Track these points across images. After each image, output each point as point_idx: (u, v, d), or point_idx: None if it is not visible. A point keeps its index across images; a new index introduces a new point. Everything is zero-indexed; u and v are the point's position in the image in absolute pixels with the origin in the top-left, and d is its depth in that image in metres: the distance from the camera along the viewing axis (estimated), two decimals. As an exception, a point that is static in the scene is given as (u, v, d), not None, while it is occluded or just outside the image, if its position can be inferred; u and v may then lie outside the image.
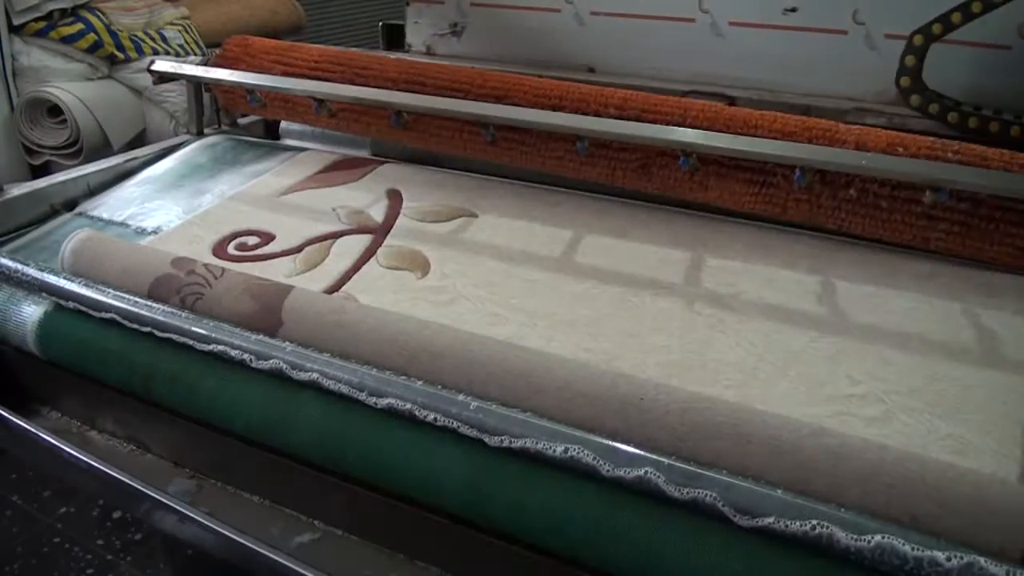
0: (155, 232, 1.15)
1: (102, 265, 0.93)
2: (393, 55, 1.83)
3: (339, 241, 1.08)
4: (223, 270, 0.90)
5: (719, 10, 1.58)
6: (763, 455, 0.63)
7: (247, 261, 1.04)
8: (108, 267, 0.93)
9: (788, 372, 0.80)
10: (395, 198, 1.20)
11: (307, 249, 1.06)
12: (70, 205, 1.28)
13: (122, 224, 1.19)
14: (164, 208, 1.22)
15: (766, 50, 1.54)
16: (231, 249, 1.08)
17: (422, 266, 1.02)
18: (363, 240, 1.08)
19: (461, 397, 0.71)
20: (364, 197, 1.21)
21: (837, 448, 0.62)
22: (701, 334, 0.86)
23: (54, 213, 1.26)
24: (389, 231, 1.11)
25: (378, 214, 1.15)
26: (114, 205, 1.26)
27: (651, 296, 0.94)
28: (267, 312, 0.83)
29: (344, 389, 0.75)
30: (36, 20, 2.20)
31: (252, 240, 1.10)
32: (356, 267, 1.02)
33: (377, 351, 0.78)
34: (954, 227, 0.95)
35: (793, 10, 1.49)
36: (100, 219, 1.22)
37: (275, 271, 1.00)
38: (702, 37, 1.60)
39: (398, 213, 1.16)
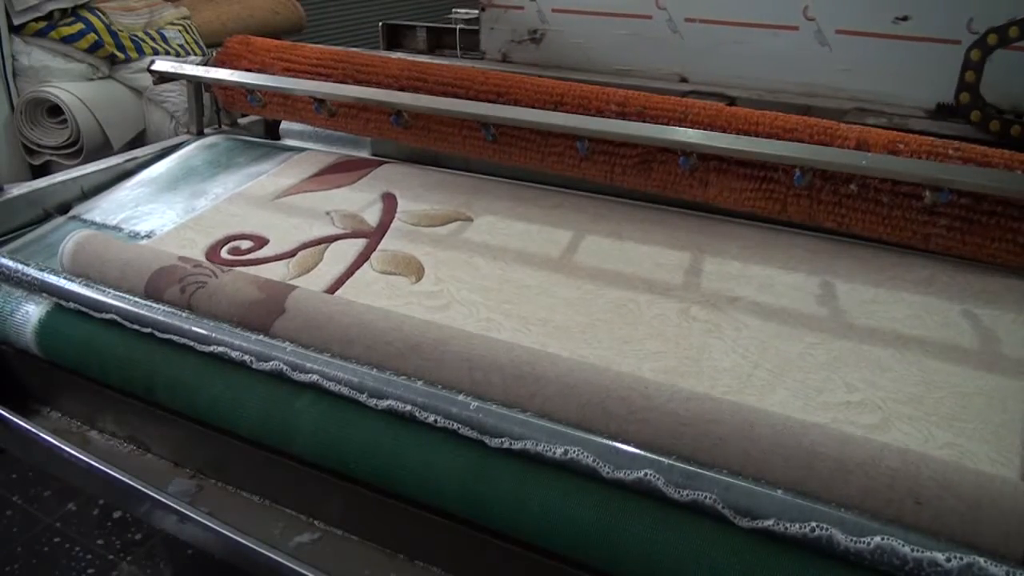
0: (148, 236, 1.14)
1: (103, 261, 0.93)
2: (395, 55, 1.82)
3: (333, 245, 1.08)
4: (230, 268, 0.90)
5: (825, 18, 1.50)
6: (767, 440, 0.62)
7: (240, 265, 1.03)
8: (109, 262, 0.93)
9: (784, 379, 0.79)
10: (390, 201, 1.20)
11: (301, 253, 1.06)
12: (64, 208, 1.27)
13: (115, 228, 1.18)
14: (159, 211, 1.21)
15: (875, 60, 1.47)
16: (224, 253, 1.07)
17: (416, 271, 1.01)
18: (357, 244, 1.08)
19: (461, 397, 0.71)
20: (359, 200, 1.20)
21: (840, 436, 0.62)
22: (697, 340, 0.86)
23: (47, 216, 1.25)
24: (384, 235, 1.10)
25: (373, 218, 1.15)
26: (108, 208, 1.25)
27: (647, 301, 0.93)
28: (271, 300, 0.84)
29: (344, 390, 0.75)
30: (36, 20, 2.20)
31: (246, 244, 1.09)
32: (350, 272, 1.01)
33: (380, 339, 0.78)
34: (955, 223, 0.94)
35: (905, 18, 1.43)
36: (93, 223, 1.21)
37: (268, 275, 0.99)
38: (806, 46, 1.53)
39: (393, 217, 1.15)
